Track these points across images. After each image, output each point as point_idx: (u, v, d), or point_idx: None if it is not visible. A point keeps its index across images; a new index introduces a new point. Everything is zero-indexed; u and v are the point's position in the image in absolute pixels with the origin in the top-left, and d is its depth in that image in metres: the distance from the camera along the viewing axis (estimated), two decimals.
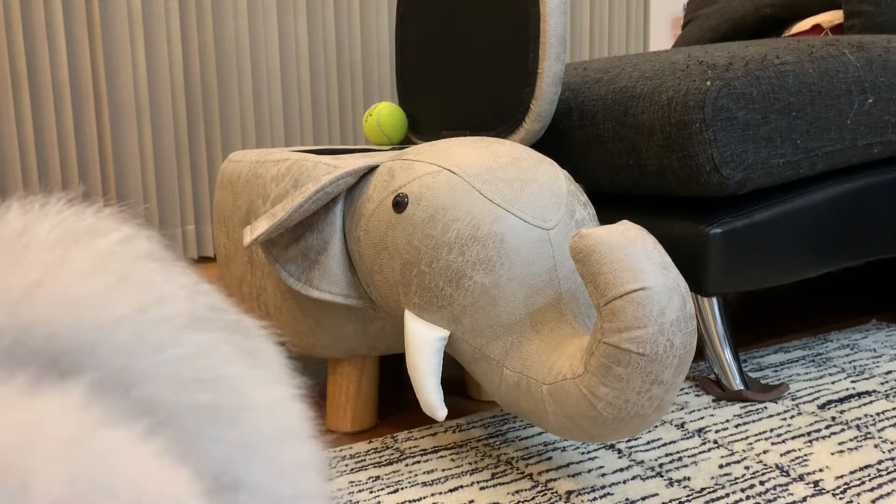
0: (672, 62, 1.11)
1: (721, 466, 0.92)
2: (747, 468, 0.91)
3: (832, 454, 0.94)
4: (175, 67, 2.33)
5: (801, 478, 0.89)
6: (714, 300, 1.14)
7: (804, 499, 0.84)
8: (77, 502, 0.26)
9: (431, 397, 0.90)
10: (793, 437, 0.99)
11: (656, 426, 1.04)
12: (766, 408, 1.09)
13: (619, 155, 1.16)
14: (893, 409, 1.07)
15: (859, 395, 1.12)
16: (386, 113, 1.38)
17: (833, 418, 1.05)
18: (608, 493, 0.86)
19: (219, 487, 0.36)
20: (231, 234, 1.16)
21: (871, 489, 0.85)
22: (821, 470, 0.90)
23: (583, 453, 0.96)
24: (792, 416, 1.06)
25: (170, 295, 0.37)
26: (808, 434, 1.00)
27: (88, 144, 2.27)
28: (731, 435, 1.01)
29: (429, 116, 1.36)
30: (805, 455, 0.94)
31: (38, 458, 0.26)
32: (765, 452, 0.95)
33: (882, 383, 1.16)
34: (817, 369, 1.23)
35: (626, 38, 3.11)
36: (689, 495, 0.85)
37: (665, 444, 0.98)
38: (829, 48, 1.16)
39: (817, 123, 1.11)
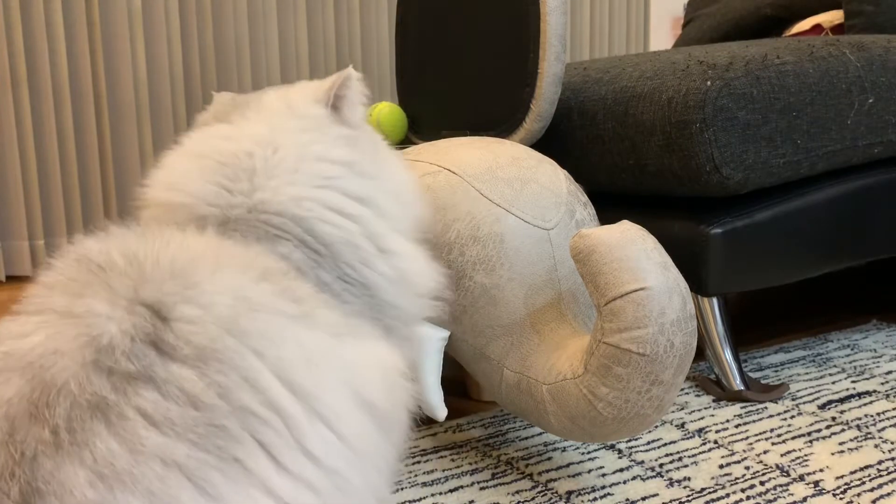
0: (672, 62, 1.11)
1: (721, 466, 0.92)
2: (748, 468, 0.91)
3: (832, 454, 0.94)
4: (175, 67, 2.33)
5: (801, 478, 0.88)
6: (714, 300, 1.14)
7: (804, 499, 0.84)
8: None
9: (432, 397, 0.90)
10: (793, 438, 0.99)
11: (656, 426, 1.04)
12: (766, 408, 1.09)
13: (620, 155, 1.16)
14: (894, 409, 1.07)
15: (859, 395, 1.12)
16: (386, 113, 1.38)
17: (833, 418, 1.05)
18: (608, 494, 0.86)
19: None
20: None
21: (872, 489, 0.85)
22: (821, 470, 0.90)
23: (583, 453, 0.96)
24: (792, 417, 1.06)
25: None
26: (809, 434, 1.00)
27: (88, 144, 2.26)
28: (732, 435, 1.00)
29: (429, 116, 1.36)
30: (805, 455, 0.94)
31: None
32: (765, 452, 0.95)
33: (882, 383, 1.16)
34: (817, 369, 1.23)
35: (626, 38, 3.10)
36: (689, 495, 0.85)
37: (665, 445, 0.98)
38: (830, 48, 1.15)
39: (817, 123, 1.11)
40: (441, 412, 0.91)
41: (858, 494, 0.84)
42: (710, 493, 0.86)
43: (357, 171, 0.65)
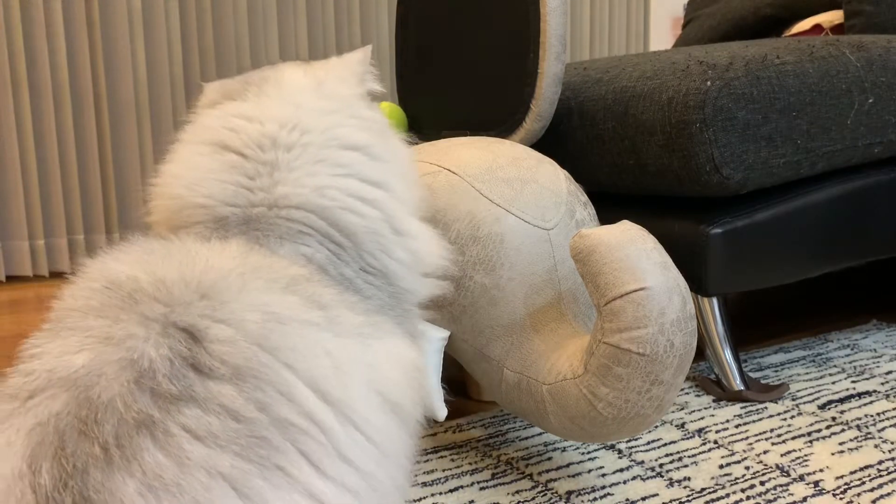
0: (672, 62, 1.11)
1: (721, 467, 0.92)
2: (748, 468, 0.91)
3: (832, 454, 0.94)
4: (175, 67, 2.33)
5: (801, 478, 0.88)
6: (714, 300, 1.14)
7: (804, 499, 0.84)
8: None
9: (432, 397, 0.90)
10: (793, 438, 0.99)
11: (656, 426, 1.04)
12: (766, 408, 1.09)
13: (620, 155, 1.16)
14: (894, 409, 1.07)
15: (859, 395, 1.12)
16: (386, 113, 1.38)
17: (833, 418, 1.05)
18: (608, 494, 0.86)
19: None
20: None
21: (872, 489, 0.85)
22: (821, 470, 0.90)
23: (583, 453, 0.96)
24: (792, 417, 1.06)
25: None
26: (809, 434, 1.00)
27: (88, 144, 2.26)
28: (732, 435, 1.00)
29: (429, 116, 1.36)
30: (805, 455, 0.94)
31: None
32: (765, 453, 0.95)
33: (882, 383, 1.16)
34: (817, 369, 1.23)
35: (626, 38, 3.10)
36: (689, 495, 0.85)
37: (665, 445, 0.98)
38: (830, 48, 1.15)
39: (817, 123, 1.11)
40: (441, 412, 0.91)
41: (858, 494, 0.84)
42: (710, 493, 0.86)
43: (372, 154, 0.65)
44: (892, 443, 0.97)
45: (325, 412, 0.50)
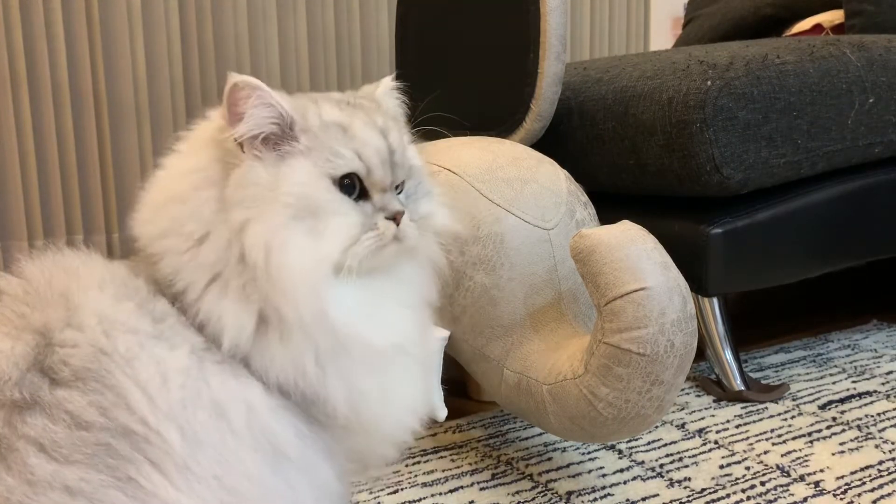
0: (672, 62, 1.11)
1: (722, 467, 0.92)
2: (748, 469, 0.91)
3: (833, 454, 0.94)
4: (175, 67, 2.32)
5: (801, 478, 0.88)
6: (714, 300, 1.14)
7: (805, 499, 0.84)
8: None
9: (432, 397, 0.90)
10: (793, 438, 0.99)
11: (657, 426, 1.04)
12: (766, 408, 1.09)
13: (620, 155, 1.15)
14: (894, 409, 1.07)
15: (860, 395, 1.12)
16: None
17: (834, 419, 1.04)
18: (609, 494, 0.86)
19: None
20: None
21: (872, 489, 0.85)
22: (821, 470, 0.90)
23: (583, 454, 0.96)
24: (793, 417, 1.06)
25: None
26: (809, 434, 1.00)
27: (88, 144, 2.26)
28: (732, 435, 1.00)
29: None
30: (806, 455, 0.94)
31: None
32: (765, 453, 0.95)
33: (883, 384, 1.16)
34: (818, 369, 1.23)
35: (626, 38, 3.10)
36: (689, 496, 0.85)
37: (666, 445, 0.98)
38: (830, 48, 1.15)
39: (818, 123, 1.11)
40: (441, 412, 0.90)
41: (859, 495, 0.84)
42: (710, 493, 0.86)
43: None
44: (892, 443, 0.97)
45: (161, 420, 0.48)
